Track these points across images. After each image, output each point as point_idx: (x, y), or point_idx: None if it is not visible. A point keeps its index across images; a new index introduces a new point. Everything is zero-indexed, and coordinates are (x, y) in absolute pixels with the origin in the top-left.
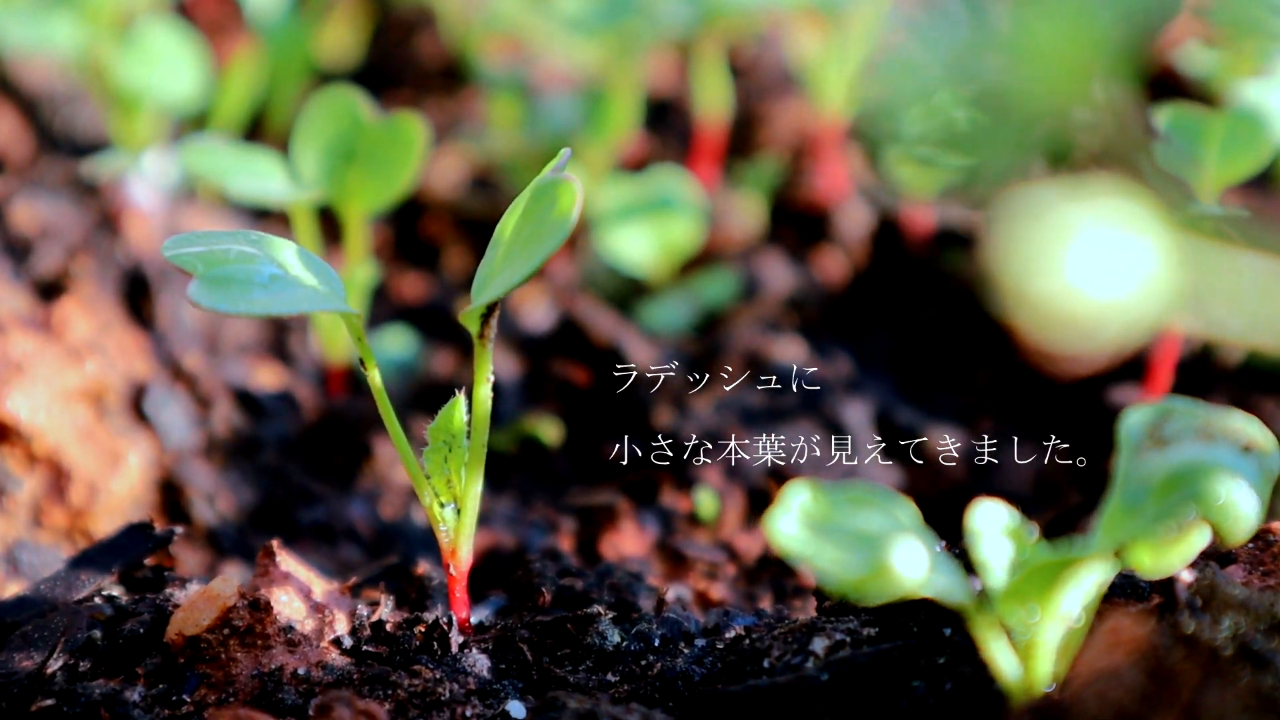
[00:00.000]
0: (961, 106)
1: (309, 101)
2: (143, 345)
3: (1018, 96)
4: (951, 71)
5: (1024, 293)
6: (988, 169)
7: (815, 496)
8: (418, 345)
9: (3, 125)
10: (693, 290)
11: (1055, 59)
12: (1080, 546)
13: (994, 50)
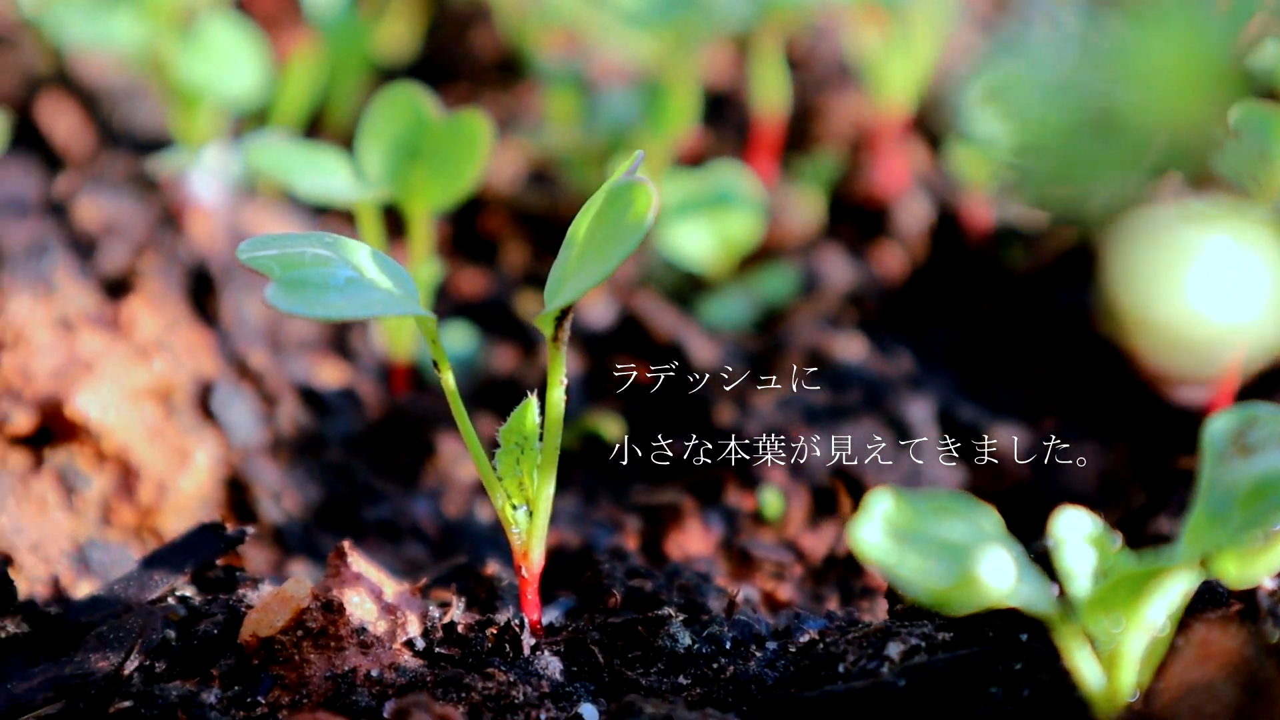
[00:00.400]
0: (1072, 124)
1: (373, 99)
2: (208, 343)
3: (1130, 115)
4: (1060, 88)
5: (1142, 317)
6: (1099, 188)
7: (898, 504)
8: (478, 341)
9: (64, 120)
10: (752, 286)
11: (1169, 76)
12: (1165, 556)
13: (1104, 67)
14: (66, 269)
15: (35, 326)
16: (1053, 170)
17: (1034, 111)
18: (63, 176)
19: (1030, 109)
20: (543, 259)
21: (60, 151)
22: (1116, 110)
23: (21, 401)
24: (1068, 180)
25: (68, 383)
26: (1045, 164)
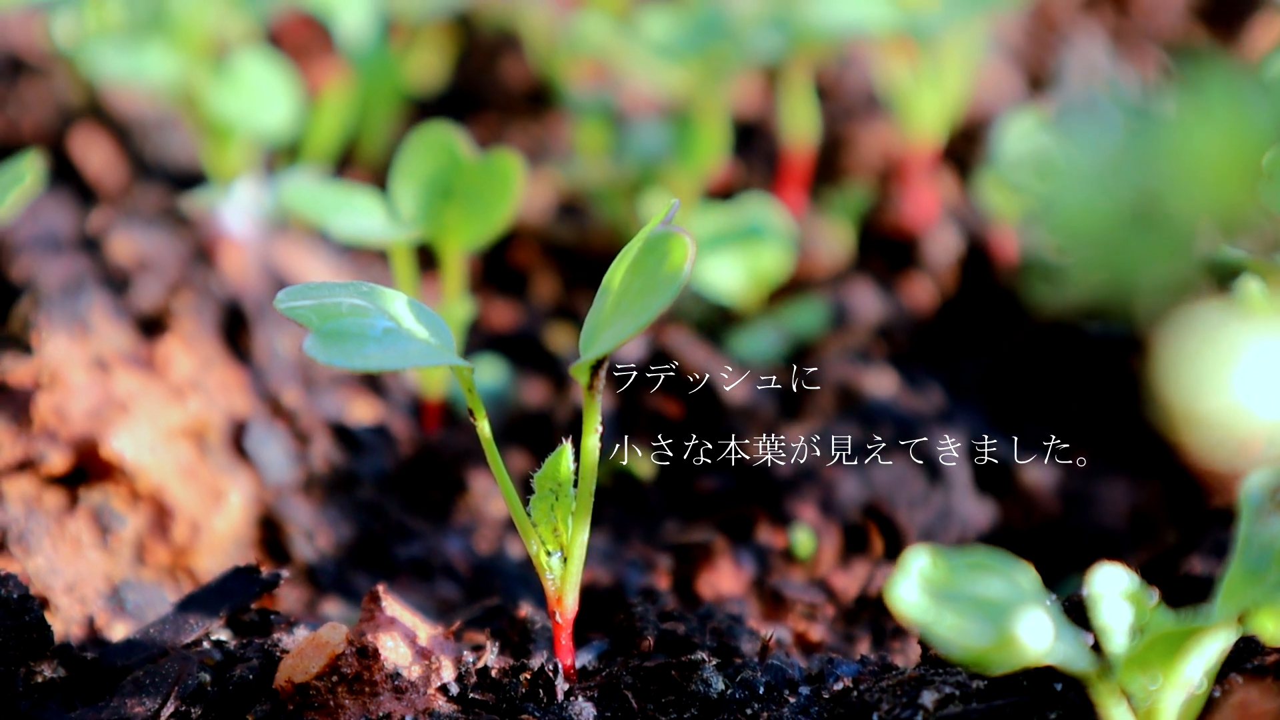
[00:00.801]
0: (1117, 213)
1: (406, 137)
2: (242, 381)
3: (1176, 204)
4: (1104, 176)
5: (1192, 412)
6: (1146, 278)
7: (935, 561)
8: (508, 374)
9: (97, 152)
10: (782, 319)
11: (1214, 166)
12: (1203, 614)
13: (1149, 156)
14: (102, 308)
15: (71, 367)
16: (1098, 259)
17: (1078, 199)
18: (96, 211)
19: (1074, 197)
20: (573, 291)
21: (93, 184)
22: (1162, 199)
23: (58, 442)
24: (1114, 269)
25: (103, 423)
26: (1090, 253)
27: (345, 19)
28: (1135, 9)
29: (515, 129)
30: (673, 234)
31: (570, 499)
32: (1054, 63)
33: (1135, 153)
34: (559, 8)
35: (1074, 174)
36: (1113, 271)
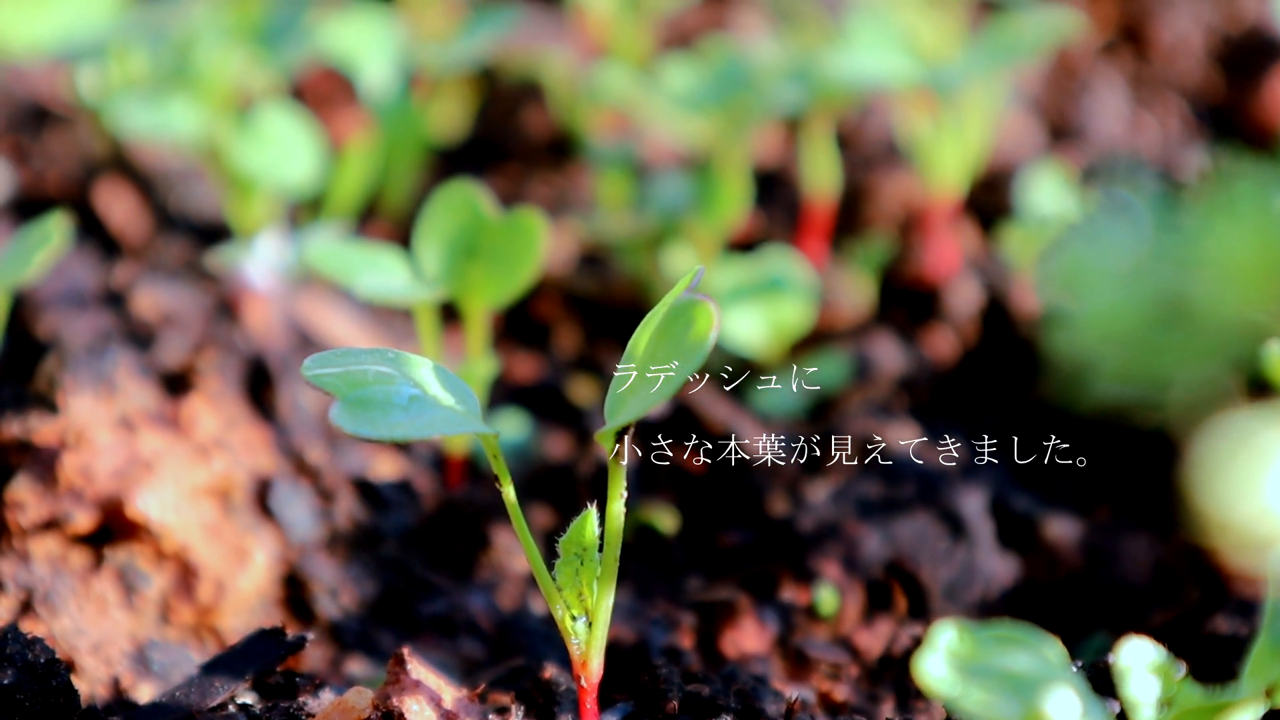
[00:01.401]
0: (1146, 314)
1: (430, 196)
2: (266, 439)
3: (1205, 305)
4: (1134, 277)
5: (1224, 518)
6: (1177, 379)
7: (961, 635)
8: (531, 427)
9: (121, 204)
10: (804, 372)
11: (1242, 268)
12: (1230, 689)
13: (1178, 257)
14: (127, 365)
15: (97, 426)
16: (1128, 359)
17: (1108, 300)
18: (120, 266)
19: (1104, 297)
20: (595, 343)
21: (117, 236)
22: (1191, 300)
23: (83, 501)
24: (1144, 370)
25: (129, 482)
26: (1120, 353)
27: (368, 71)
28: (1154, 55)
29: (537, 179)
30: (698, 302)
31: (595, 564)
32: (1075, 111)
33: (1164, 253)
34: (580, 58)
35: (1104, 275)
36: (1144, 372)
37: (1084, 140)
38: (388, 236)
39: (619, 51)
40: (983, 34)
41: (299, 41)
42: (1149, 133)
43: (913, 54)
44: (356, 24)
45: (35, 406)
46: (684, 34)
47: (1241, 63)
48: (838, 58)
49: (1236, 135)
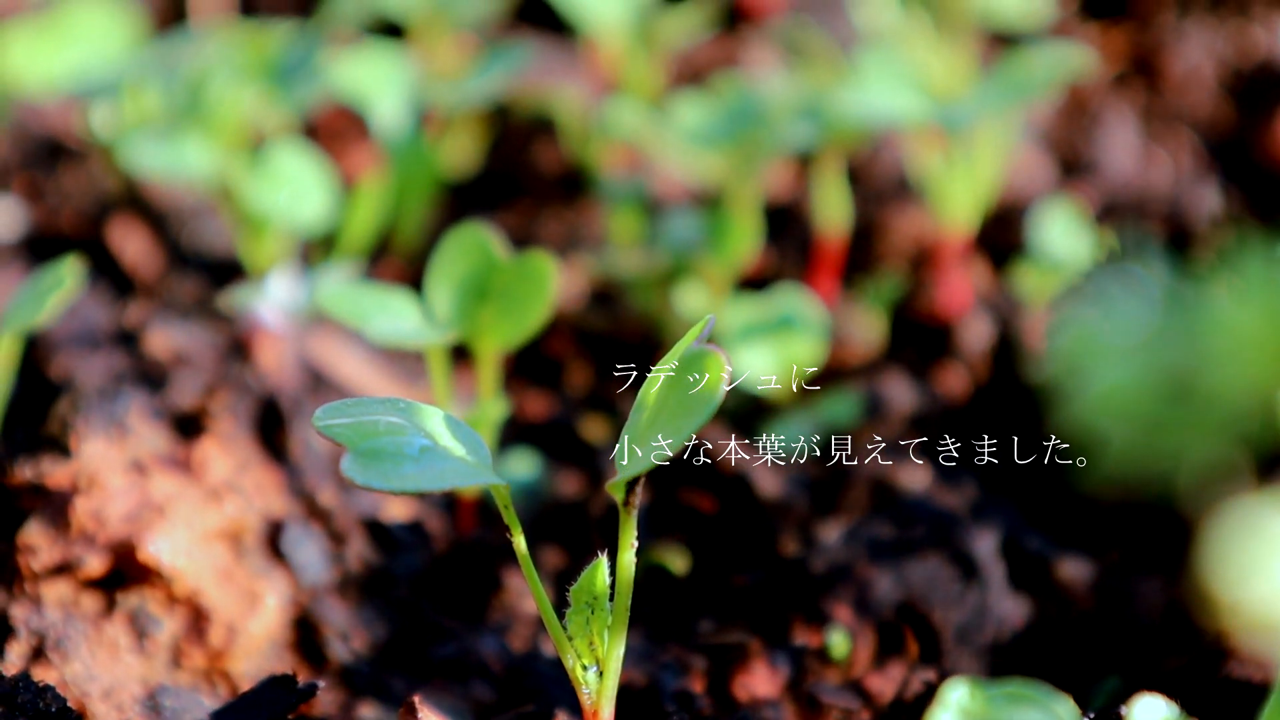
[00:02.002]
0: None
1: (442, 238)
2: (278, 481)
3: (1214, 383)
4: (1141, 353)
5: (1234, 601)
6: (1185, 457)
7: (973, 692)
8: (542, 466)
9: (134, 241)
10: (816, 410)
11: (1252, 346)
12: None
13: (1186, 333)
14: (139, 408)
15: (109, 470)
16: (1135, 436)
17: (1116, 376)
18: (133, 305)
19: (1112, 373)
20: (606, 380)
21: (130, 273)
22: (1200, 378)
23: (95, 546)
24: (1152, 447)
25: (141, 527)
26: (1128, 430)
27: (380, 109)
28: (1166, 86)
29: (549, 215)
30: (708, 353)
31: (606, 613)
32: (1087, 146)
33: (1173, 329)
34: (592, 92)
35: (1111, 350)
36: (1152, 450)
37: (1096, 175)
38: (400, 273)
39: (631, 85)
40: (993, 71)
41: (311, 79)
42: (1161, 167)
43: (923, 91)
44: (368, 62)
45: (48, 450)
46: (696, 68)
47: (1253, 95)
48: (848, 95)
49: (1248, 169)
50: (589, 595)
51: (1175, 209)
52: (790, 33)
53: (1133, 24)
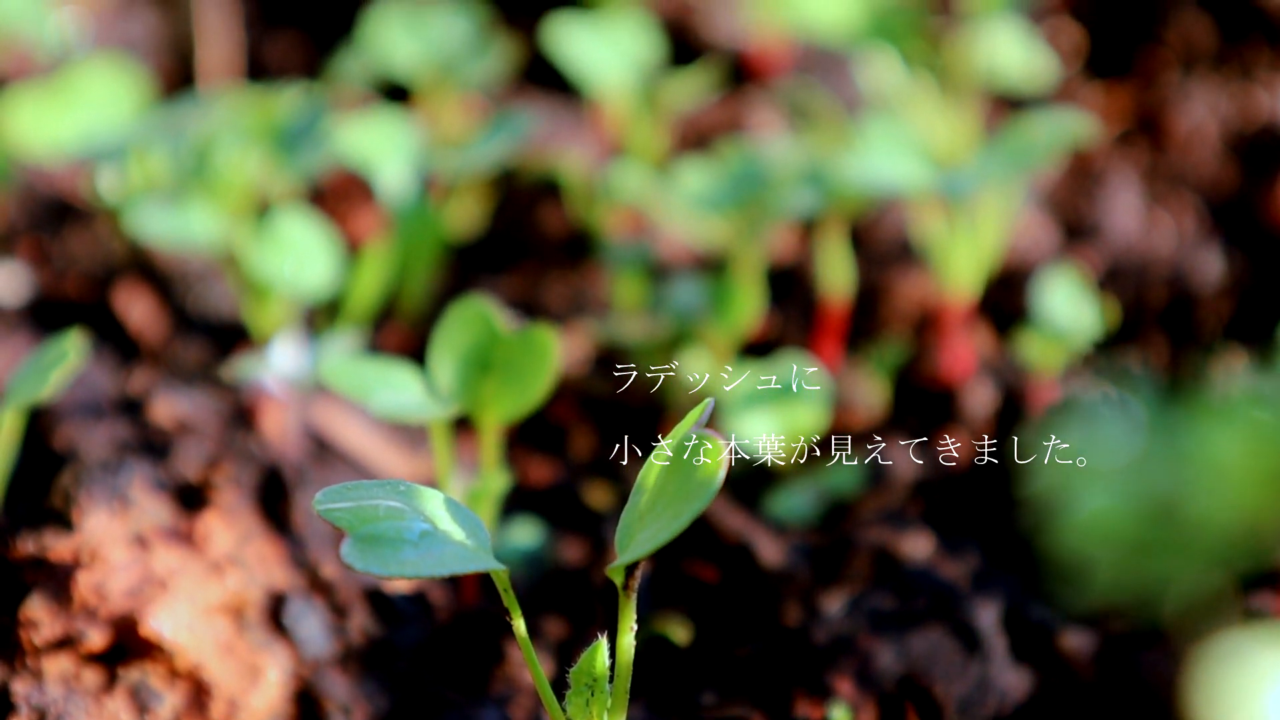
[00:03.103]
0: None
1: (446, 307)
2: (280, 553)
3: (1199, 510)
4: (1127, 479)
5: None
6: (1171, 583)
7: None
8: (545, 534)
9: (139, 305)
10: (818, 477)
11: (1236, 474)
12: None
13: (1172, 460)
14: (142, 480)
15: (111, 544)
16: (1121, 562)
17: (1100, 500)
18: (138, 372)
19: (1097, 498)
20: (609, 446)
21: (135, 337)
22: (1185, 504)
23: (96, 620)
24: (1137, 572)
25: (143, 601)
26: (1113, 555)
27: (385, 174)
28: (1170, 144)
29: (553, 278)
30: (708, 438)
31: (606, 695)
32: (1090, 208)
33: (1159, 455)
34: (596, 154)
35: (1098, 476)
36: (1139, 576)
37: (1099, 239)
38: (405, 338)
39: (636, 147)
40: (996, 138)
41: (317, 146)
42: (1164, 231)
43: (926, 159)
44: (374, 127)
45: (50, 523)
46: (701, 129)
47: (1256, 157)
48: (852, 162)
49: (1251, 231)
50: (589, 677)
51: (1178, 274)
52: (795, 94)
53: (1137, 82)
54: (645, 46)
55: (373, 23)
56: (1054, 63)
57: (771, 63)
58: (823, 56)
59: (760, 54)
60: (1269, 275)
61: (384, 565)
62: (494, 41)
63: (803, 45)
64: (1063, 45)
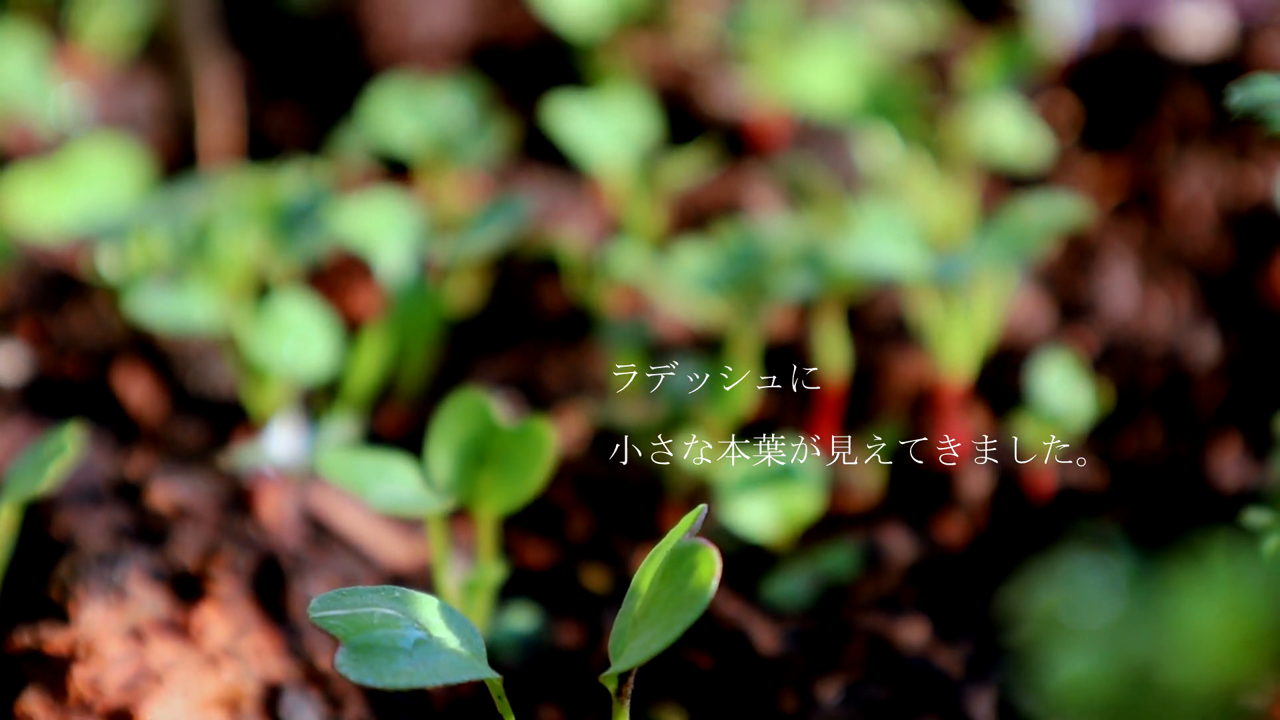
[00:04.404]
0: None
1: (443, 403)
2: (277, 644)
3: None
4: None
5: None
6: None
7: None
8: (542, 619)
9: (138, 385)
10: (814, 561)
11: (1221, 641)
12: None
13: (1150, 623)
14: (139, 570)
15: (107, 637)
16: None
17: (1078, 664)
18: (136, 454)
19: (1075, 661)
20: (606, 527)
21: (134, 416)
22: (1164, 669)
23: (92, 714)
24: None
25: (138, 696)
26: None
27: (384, 256)
28: (1166, 218)
29: (551, 355)
30: (699, 548)
31: None
32: (1086, 286)
33: (1138, 618)
34: (595, 230)
35: (1076, 637)
36: None
37: (1095, 317)
38: (404, 418)
39: (634, 225)
40: (992, 222)
41: (317, 230)
42: (1159, 309)
43: (923, 243)
44: (373, 209)
45: (47, 615)
46: (699, 206)
47: (1251, 234)
48: (849, 246)
49: (1246, 308)
50: None
51: (1173, 353)
52: (793, 170)
53: (1133, 155)
54: (643, 124)
55: (373, 100)
56: (1050, 139)
57: (771, 135)
58: (822, 129)
59: (759, 126)
60: (1264, 355)
61: (378, 676)
62: (493, 119)
63: (802, 117)
64: (1059, 117)
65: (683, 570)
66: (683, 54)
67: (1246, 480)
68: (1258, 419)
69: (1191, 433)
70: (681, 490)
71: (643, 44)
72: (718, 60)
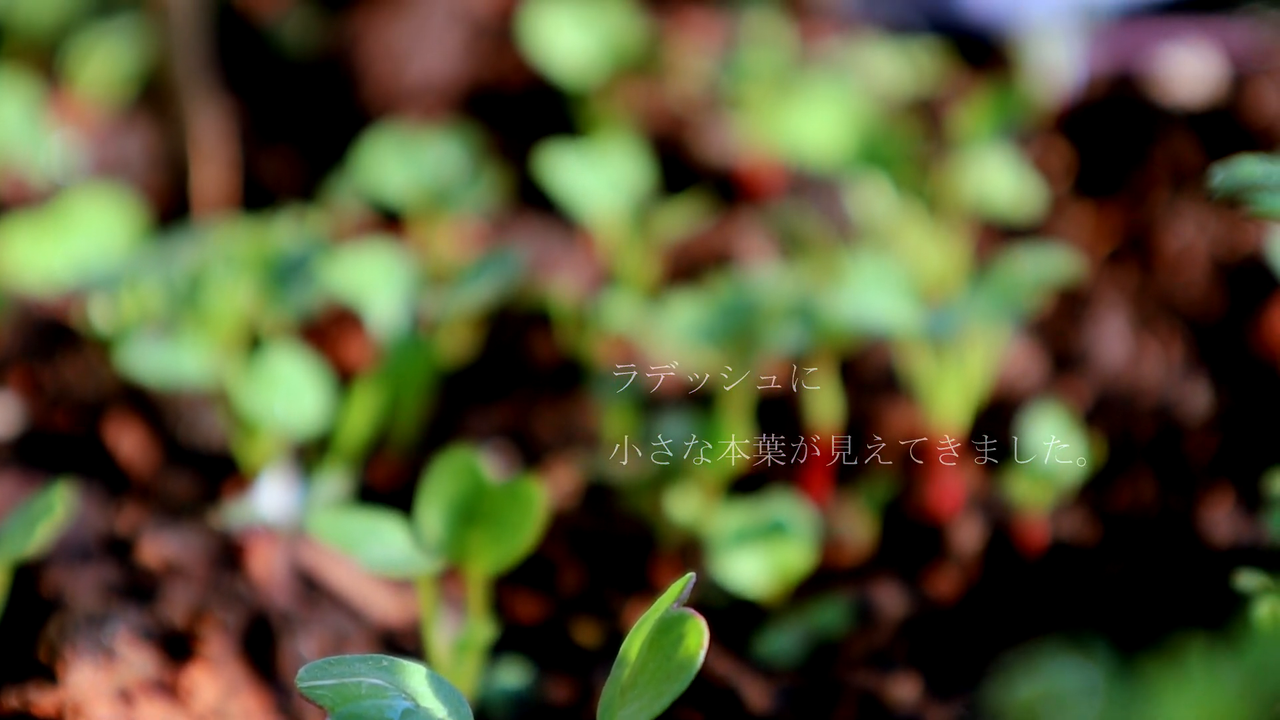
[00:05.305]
0: None
1: (433, 464)
2: (266, 704)
3: None
4: None
5: None
6: None
7: None
8: (533, 674)
9: (129, 437)
10: (806, 617)
11: None
12: None
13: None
14: (128, 630)
15: (96, 699)
16: None
17: None
18: (126, 509)
19: None
20: (598, 581)
21: (125, 468)
22: None
23: None
24: None
25: None
26: None
27: (376, 309)
28: (1160, 264)
29: (544, 406)
30: (688, 618)
31: None
32: (1078, 337)
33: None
34: (587, 280)
35: None
36: None
37: (1087, 368)
38: (395, 470)
39: (626, 275)
40: (984, 276)
41: (309, 283)
42: (1152, 359)
43: (914, 297)
44: (365, 261)
45: (35, 676)
46: (692, 255)
47: (1244, 285)
48: (842, 300)
49: (1238, 358)
50: None
51: (1165, 405)
52: (786, 220)
53: (1126, 202)
54: (636, 173)
55: (366, 150)
56: (1043, 188)
57: (764, 183)
58: (815, 177)
59: (752, 174)
60: (1256, 407)
61: None
62: (486, 167)
63: (795, 165)
64: (1053, 164)
65: (671, 640)
66: (676, 100)
67: (1239, 535)
68: (1250, 472)
69: (1184, 486)
70: (673, 544)
71: (636, 89)
72: (711, 107)
